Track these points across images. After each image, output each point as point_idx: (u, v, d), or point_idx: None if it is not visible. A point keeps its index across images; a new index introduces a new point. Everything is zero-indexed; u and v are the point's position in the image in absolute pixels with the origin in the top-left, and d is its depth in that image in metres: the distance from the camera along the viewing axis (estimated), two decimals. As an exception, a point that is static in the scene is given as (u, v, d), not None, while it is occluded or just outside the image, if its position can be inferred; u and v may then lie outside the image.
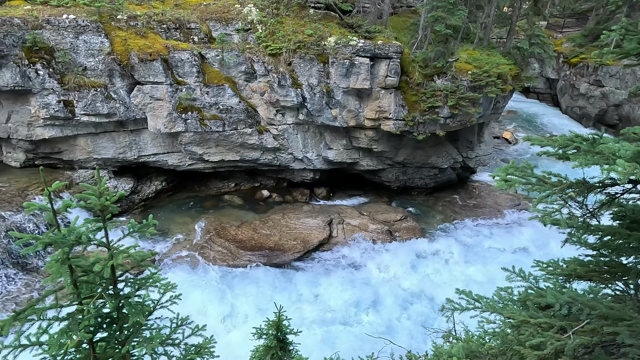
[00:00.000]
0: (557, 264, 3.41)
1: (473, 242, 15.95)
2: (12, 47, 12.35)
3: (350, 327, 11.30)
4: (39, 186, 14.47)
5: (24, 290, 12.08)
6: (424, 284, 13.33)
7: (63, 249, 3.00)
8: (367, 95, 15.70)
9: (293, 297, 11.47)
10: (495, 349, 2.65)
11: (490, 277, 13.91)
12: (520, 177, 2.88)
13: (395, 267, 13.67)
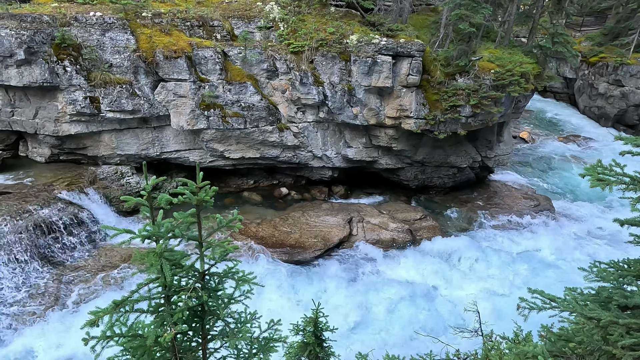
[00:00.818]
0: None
1: (493, 242, 15.85)
2: (41, 44, 12.53)
3: (372, 325, 11.32)
4: (64, 181, 14.69)
5: (52, 283, 12.29)
6: (444, 283, 13.29)
7: (161, 242, 3.06)
8: (388, 94, 15.67)
9: (317, 294, 11.51)
10: (581, 348, 2.64)
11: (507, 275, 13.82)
12: (611, 176, 2.85)
13: (417, 266, 13.65)
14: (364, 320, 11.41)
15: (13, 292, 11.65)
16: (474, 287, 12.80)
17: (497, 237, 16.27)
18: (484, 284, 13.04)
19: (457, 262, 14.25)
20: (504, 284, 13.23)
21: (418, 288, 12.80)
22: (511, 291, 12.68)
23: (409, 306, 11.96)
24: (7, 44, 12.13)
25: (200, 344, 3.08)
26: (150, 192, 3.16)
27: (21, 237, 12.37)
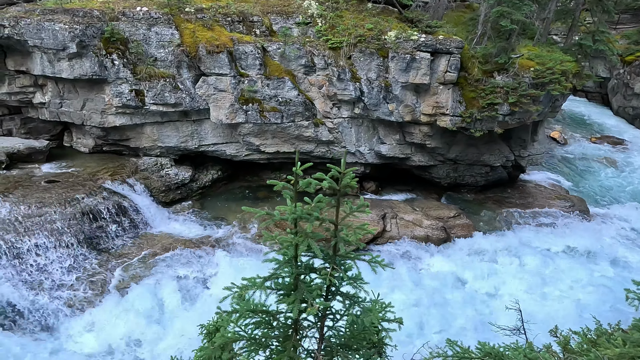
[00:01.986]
0: None
1: (528, 241, 15.72)
2: (92, 38, 12.96)
3: (410, 320, 11.41)
4: (107, 171, 15.18)
5: (98, 269, 12.76)
6: (480, 281, 13.28)
7: (309, 223, 3.24)
8: (424, 91, 15.65)
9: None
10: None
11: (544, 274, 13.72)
12: None
13: (452, 263, 13.67)
14: (400, 315, 11.49)
15: (64, 276, 12.15)
16: (511, 285, 12.76)
17: (532, 236, 16.12)
18: (522, 283, 12.98)
19: (492, 261, 14.20)
20: (541, 283, 13.15)
21: (454, 284, 12.83)
22: (550, 291, 12.60)
23: (444, 302, 12.02)
24: (61, 38, 12.58)
25: (319, 320, 3.25)
26: (297, 177, 3.34)
27: (70, 223, 12.88)
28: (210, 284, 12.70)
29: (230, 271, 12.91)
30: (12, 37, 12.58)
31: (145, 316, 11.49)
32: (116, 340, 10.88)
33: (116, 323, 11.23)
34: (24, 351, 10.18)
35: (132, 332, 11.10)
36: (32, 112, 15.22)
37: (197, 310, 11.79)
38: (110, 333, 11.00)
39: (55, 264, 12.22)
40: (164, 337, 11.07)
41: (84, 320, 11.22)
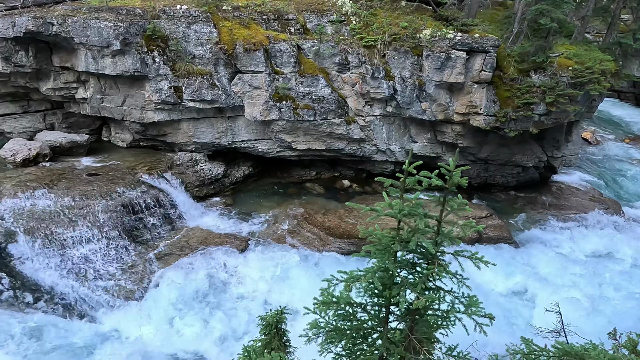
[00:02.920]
0: None
1: (561, 244, 15.48)
2: (134, 35, 13.32)
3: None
4: (145, 165, 15.57)
5: (138, 260, 13.14)
6: (514, 282, 13.15)
7: (420, 220, 3.34)
8: (458, 90, 15.54)
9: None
10: None
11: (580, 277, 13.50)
12: None
13: (485, 264, 13.56)
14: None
15: (105, 266, 12.56)
16: (546, 287, 12.61)
17: (565, 238, 15.87)
18: (557, 285, 12.81)
19: (526, 262, 14.04)
20: (577, 286, 12.94)
21: (489, 285, 12.75)
22: (587, 294, 12.41)
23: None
24: (106, 35, 12.97)
25: (409, 313, 3.35)
26: (407, 173, 3.44)
27: (111, 215, 13.29)
28: (242, 278, 12.90)
29: (262, 265, 13.13)
30: (60, 34, 13.02)
31: (181, 306, 11.77)
32: (154, 330, 11.19)
33: (154, 313, 11.55)
34: (70, 336, 10.58)
35: (170, 322, 11.41)
36: (74, 107, 15.73)
37: (229, 302, 12.03)
38: (150, 322, 11.33)
39: (97, 255, 12.63)
40: (199, 327, 11.33)
41: (124, 309, 11.59)
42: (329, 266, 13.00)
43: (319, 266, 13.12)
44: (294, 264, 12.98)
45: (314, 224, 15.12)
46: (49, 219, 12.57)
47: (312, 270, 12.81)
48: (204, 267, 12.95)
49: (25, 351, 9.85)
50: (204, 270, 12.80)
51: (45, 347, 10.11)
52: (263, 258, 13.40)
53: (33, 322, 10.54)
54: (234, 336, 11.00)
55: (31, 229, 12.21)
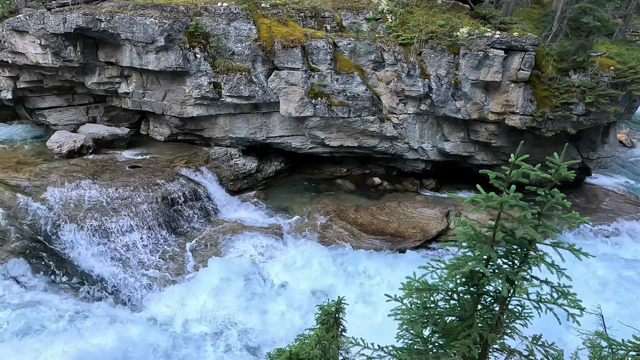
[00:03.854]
0: None
1: (598, 247, 15.22)
2: (178, 32, 13.68)
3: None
4: (182, 159, 15.99)
5: (177, 249, 13.54)
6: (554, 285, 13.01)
7: (526, 210, 3.44)
8: (494, 89, 15.41)
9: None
10: None
11: (619, 282, 13.27)
12: None
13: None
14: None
15: (147, 255, 13.00)
16: (586, 291, 12.44)
17: (602, 241, 15.60)
18: (596, 289, 12.63)
19: (563, 265, 13.85)
20: (616, 290, 12.74)
21: (524, 286, 12.66)
22: (629, 298, 12.21)
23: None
24: (150, 32, 13.37)
25: (500, 301, 3.46)
26: (513, 166, 3.55)
27: (152, 207, 13.72)
28: (278, 269, 13.14)
29: (297, 257, 13.35)
30: (107, 30, 13.48)
31: (218, 294, 12.07)
32: (193, 316, 11.52)
33: (193, 299, 11.89)
34: (114, 321, 10.99)
35: (208, 309, 11.71)
36: (116, 101, 16.25)
37: (264, 291, 12.28)
38: (189, 309, 11.67)
39: (139, 244, 13.08)
40: (236, 315, 11.59)
41: (165, 295, 11.97)
42: (362, 261, 13.14)
43: (353, 260, 13.25)
44: (328, 257, 13.15)
45: (347, 219, 15.27)
46: (94, 209, 13.06)
47: (347, 264, 12.97)
48: (240, 258, 13.26)
49: (73, 334, 10.28)
50: (240, 261, 13.11)
51: (92, 330, 10.55)
52: (298, 250, 13.62)
53: (80, 306, 11.01)
54: (271, 323, 11.22)
55: (78, 218, 12.71)
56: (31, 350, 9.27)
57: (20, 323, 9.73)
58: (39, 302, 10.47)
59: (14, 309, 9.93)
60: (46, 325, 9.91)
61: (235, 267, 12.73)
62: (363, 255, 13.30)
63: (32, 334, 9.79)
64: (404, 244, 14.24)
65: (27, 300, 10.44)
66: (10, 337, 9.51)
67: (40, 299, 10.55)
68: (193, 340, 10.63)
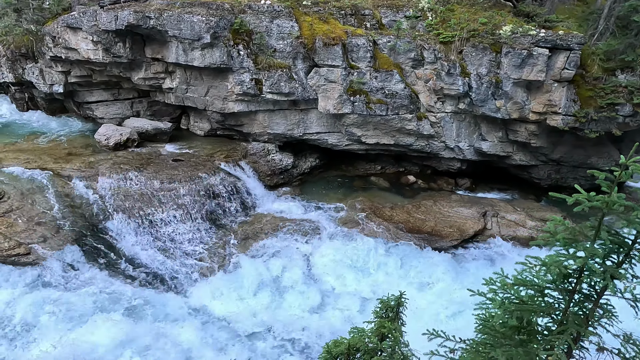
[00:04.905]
0: None
1: None
2: (223, 29, 14.01)
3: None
4: (222, 153, 16.38)
5: (218, 241, 13.92)
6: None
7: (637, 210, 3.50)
8: (536, 88, 15.17)
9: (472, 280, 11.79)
10: None
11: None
12: None
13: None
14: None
15: (190, 246, 13.42)
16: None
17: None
18: None
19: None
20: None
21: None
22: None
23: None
24: (197, 29, 13.74)
25: (597, 295, 3.52)
26: (623, 167, 3.61)
27: (195, 199, 14.14)
28: (316, 262, 13.34)
29: (335, 252, 13.52)
30: (155, 27, 13.92)
31: (259, 284, 12.35)
32: (236, 308, 11.83)
33: (234, 289, 12.19)
34: (162, 306, 11.40)
35: (248, 298, 12.03)
36: (159, 96, 16.76)
37: (301, 283, 12.48)
38: (231, 300, 12.00)
39: (183, 235, 13.51)
40: (276, 303, 11.85)
41: (208, 285, 12.33)
42: (402, 258, 13.22)
43: (390, 256, 13.33)
44: (367, 253, 13.28)
45: (383, 217, 15.34)
46: (141, 200, 13.56)
47: (385, 260, 13.07)
48: (278, 251, 13.53)
49: (124, 318, 10.73)
50: (279, 253, 13.37)
51: (140, 314, 10.96)
52: (335, 245, 13.79)
53: (130, 292, 11.47)
54: (310, 314, 11.44)
55: (126, 208, 13.24)
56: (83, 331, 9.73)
57: (75, 306, 10.23)
58: (92, 286, 10.98)
59: (72, 292, 10.46)
60: (99, 307, 10.39)
61: (275, 260, 13.01)
62: (402, 252, 13.37)
63: (82, 317, 10.24)
64: (441, 243, 14.22)
65: (82, 284, 10.98)
66: (67, 318, 10.01)
67: (94, 284, 11.07)
68: (236, 331, 10.92)
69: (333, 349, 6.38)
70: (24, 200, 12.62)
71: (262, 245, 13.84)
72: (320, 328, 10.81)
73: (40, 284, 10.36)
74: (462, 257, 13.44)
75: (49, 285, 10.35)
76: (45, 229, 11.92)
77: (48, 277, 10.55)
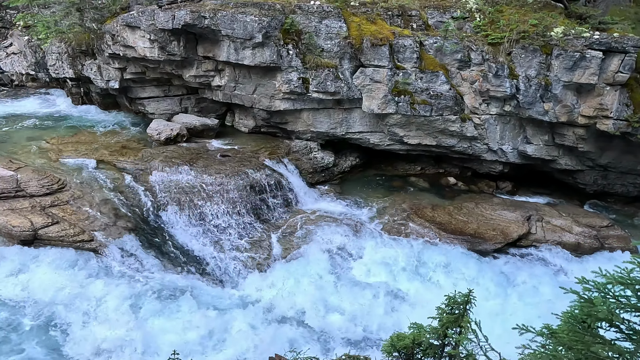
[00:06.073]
0: None
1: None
2: (274, 29, 14.38)
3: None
4: (266, 150, 16.78)
5: (263, 236, 14.29)
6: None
7: None
8: (587, 91, 14.87)
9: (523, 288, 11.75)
10: None
11: None
12: None
13: (611, 275, 13.02)
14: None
15: (237, 239, 13.85)
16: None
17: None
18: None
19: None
20: None
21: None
22: None
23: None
24: (250, 28, 14.15)
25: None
26: None
27: (242, 194, 14.57)
28: (359, 260, 13.53)
29: (378, 251, 13.69)
30: (209, 26, 14.42)
31: (305, 281, 12.63)
32: (281, 301, 12.15)
33: (280, 284, 12.52)
34: (211, 298, 11.85)
35: (296, 297, 12.32)
36: (208, 94, 17.32)
37: (350, 281, 12.70)
38: (276, 294, 12.32)
39: (231, 228, 13.96)
40: (324, 303, 12.10)
41: (256, 279, 12.72)
42: (447, 258, 13.25)
43: (434, 256, 13.38)
44: (411, 253, 13.38)
45: (424, 217, 15.37)
46: (191, 193, 14.10)
47: (428, 259, 13.14)
48: (322, 248, 13.77)
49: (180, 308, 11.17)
50: (323, 250, 13.61)
51: (190, 304, 11.38)
52: (378, 244, 13.95)
53: (182, 283, 11.96)
54: (359, 314, 11.65)
55: (178, 201, 13.80)
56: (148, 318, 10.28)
57: (138, 292, 10.79)
58: (150, 274, 11.54)
59: (133, 279, 11.02)
60: (158, 295, 10.91)
61: (320, 256, 13.27)
62: (446, 252, 13.41)
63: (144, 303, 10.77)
64: (485, 245, 14.15)
65: (140, 271, 11.55)
66: (130, 305, 10.55)
67: (152, 272, 11.63)
68: (286, 325, 11.23)
69: (397, 342, 6.57)
70: (84, 190, 13.36)
71: (305, 241, 14.13)
72: (370, 323, 11.03)
73: (103, 269, 10.97)
74: (509, 260, 13.36)
75: (112, 271, 10.94)
76: (105, 218, 12.59)
77: (110, 263, 11.16)
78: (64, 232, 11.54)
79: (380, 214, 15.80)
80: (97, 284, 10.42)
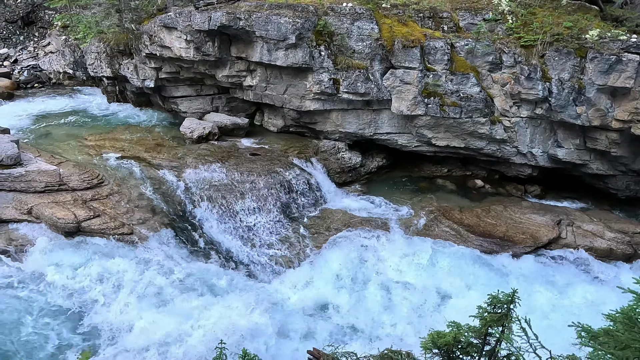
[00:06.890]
0: None
1: None
2: (307, 30, 14.62)
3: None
4: (295, 150, 17.05)
5: (292, 234, 14.54)
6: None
7: None
8: (622, 95, 14.64)
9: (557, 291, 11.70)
10: None
11: None
12: None
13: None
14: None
15: (268, 237, 14.14)
16: None
17: None
18: None
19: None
20: None
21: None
22: None
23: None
24: (284, 30, 14.43)
25: None
26: None
27: (272, 192, 14.86)
28: (388, 260, 13.62)
29: (406, 251, 13.74)
30: (244, 28, 14.76)
31: (333, 279, 12.80)
32: (311, 299, 12.35)
33: (310, 281, 12.72)
34: (243, 292, 12.09)
35: (326, 295, 12.51)
36: (239, 93, 17.68)
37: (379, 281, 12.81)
38: (308, 290, 12.53)
39: (261, 225, 14.26)
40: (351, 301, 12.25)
41: (286, 275, 12.98)
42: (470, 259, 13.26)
43: (462, 258, 13.40)
44: (440, 254, 13.42)
45: (452, 219, 15.38)
46: (223, 190, 14.46)
47: (457, 262, 13.17)
48: (350, 247, 13.92)
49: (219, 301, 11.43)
50: (351, 249, 13.77)
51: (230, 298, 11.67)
52: (406, 244, 14.02)
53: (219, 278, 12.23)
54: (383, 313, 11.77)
55: (211, 197, 14.17)
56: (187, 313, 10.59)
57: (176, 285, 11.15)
58: (186, 268, 11.89)
59: (173, 273, 11.39)
60: (196, 290, 11.24)
61: (349, 255, 13.43)
62: (474, 254, 13.41)
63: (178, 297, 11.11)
64: (514, 249, 14.08)
65: (178, 265, 11.92)
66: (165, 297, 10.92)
67: (188, 266, 11.99)
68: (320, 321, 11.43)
69: (437, 340, 6.69)
70: (122, 185, 13.85)
71: (333, 240, 14.30)
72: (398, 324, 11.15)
73: (144, 261, 11.37)
74: (541, 262, 13.29)
75: (152, 264, 11.33)
76: (143, 212, 13.04)
77: (151, 256, 11.56)
78: (105, 225, 12.02)
79: (408, 214, 15.86)
80: (146, 274, 10.86)
